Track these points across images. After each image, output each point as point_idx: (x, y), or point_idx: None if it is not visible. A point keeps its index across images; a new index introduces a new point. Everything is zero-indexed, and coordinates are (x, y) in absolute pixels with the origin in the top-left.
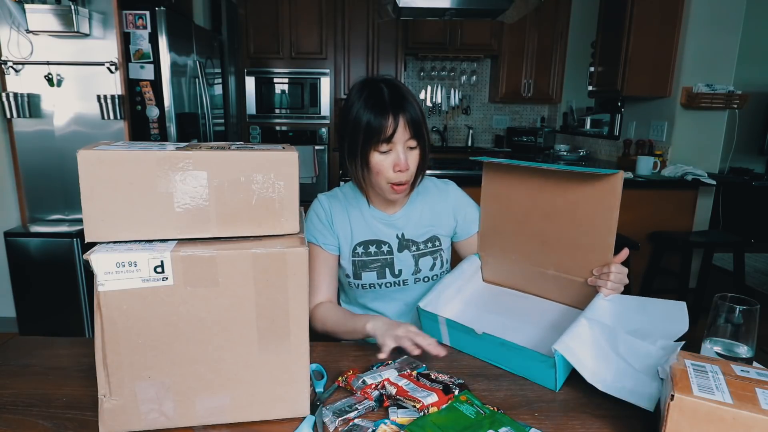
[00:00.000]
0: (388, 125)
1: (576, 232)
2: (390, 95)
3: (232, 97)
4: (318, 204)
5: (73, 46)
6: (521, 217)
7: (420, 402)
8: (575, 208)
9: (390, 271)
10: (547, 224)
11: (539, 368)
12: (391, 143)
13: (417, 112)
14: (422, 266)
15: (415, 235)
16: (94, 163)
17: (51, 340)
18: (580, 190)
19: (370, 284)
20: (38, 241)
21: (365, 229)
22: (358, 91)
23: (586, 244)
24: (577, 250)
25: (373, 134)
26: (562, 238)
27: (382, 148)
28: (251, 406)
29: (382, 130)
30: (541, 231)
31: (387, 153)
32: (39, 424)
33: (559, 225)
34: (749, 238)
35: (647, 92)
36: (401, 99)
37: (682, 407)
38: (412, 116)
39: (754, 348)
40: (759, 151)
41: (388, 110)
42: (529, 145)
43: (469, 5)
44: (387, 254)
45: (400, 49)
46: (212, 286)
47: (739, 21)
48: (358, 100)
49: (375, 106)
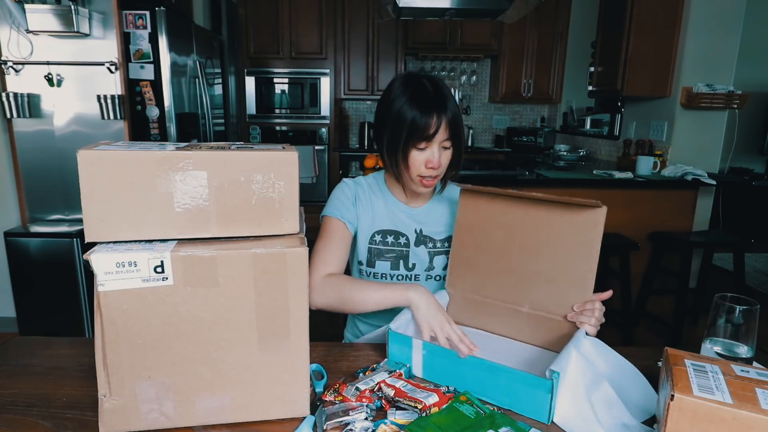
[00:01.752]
0: (432, 124)
1: (555, 266)
2: (434, 93)
3: (232, 97)
4: (344, 184)
5: (73, 46)
6: (497, 250)
7: (422, 402)
8: (556, 241)
9: (404, 264)
10: (524, 258)
11: (532, 396)
12: (430, 141)
13: (457, 112)
14: (436, 264)
15: (433, 232)
16: (94, 163)
17: (51, 340)
18: (563, 221)
19: (382, 274)
20: (38, 241)
21: (386, 218)
22: (402, 85)
23: (566, 280)
24: (555, 286)
25: (416, 131)
26: (540, 272)
27: (420, 145)
28: (251, 406)
29: (427, 128)
30: (518, 265)
31: (423, 150)
32: (39, 424)
33: (537, 259)
34: (749, 238)
35: (647, 92)
36: (444, 98)
37: (682, 407)
38: (453, 116)
39: (754, 348)
40: (759, 151)
41: (433, 109)
42: (529, 145)
43: (469, 5)
44: (404, 246)
45: (400, 49)
46: (212, 286)
47: (739, 21)
48: (402, 95)
49: (420, 103)
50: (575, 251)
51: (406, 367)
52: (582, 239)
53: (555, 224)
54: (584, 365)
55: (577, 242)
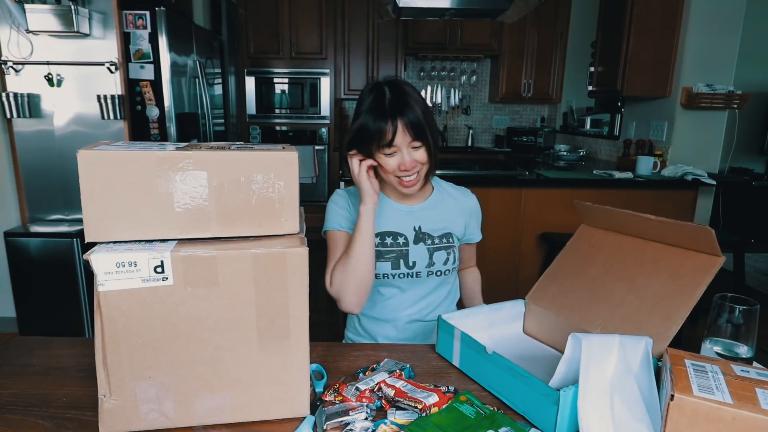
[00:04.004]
0: (387, 130)
1: (645, 302)
2: (391, 100)
3: (232, 97)
4: (336, 195)
5: (73, 46)
6: (593, 275)
7: (422, 402)
8: (656, 277)
9: (404, 263)
10: (617, 286)
11: (542, 404)
12: (393, 146)
13: (417, 114)
14: (436, 260)
15: (431, 229)
16: (94, 163)
17: (51, 340)
18: (673, 261)
19: (384, 274)
20: (38, 241)
21: (383, 220)
22: (364, 94)
23: (648, 318)
24: (636, 321)
25: (375, 138)
26: (626, 303)
27: (385, 150)
28: (251, 406)
29: (383, 135)
30: (607, 292)
31: (392, 155)
32: (39, 424)
33: (630, 290)
34: (749, 238)
35: (647, 92)
36: (402, 104)
37: (682, 407)
38: (411, 120)
39: (754, 348)
40: (759, 151)
41: (388, 115)
42: (529, 145)
43: (469, 5)
44: (403, 246)
45: (400, 49)
46: (212, 286)
47: (740, 21)
48: (362, 104)
49: (376, 111)
50: (672, 294)
51: (407, 367)
52: (683, 284)
53: (663, 261)
54: (622, 367)
55: (679, 285)
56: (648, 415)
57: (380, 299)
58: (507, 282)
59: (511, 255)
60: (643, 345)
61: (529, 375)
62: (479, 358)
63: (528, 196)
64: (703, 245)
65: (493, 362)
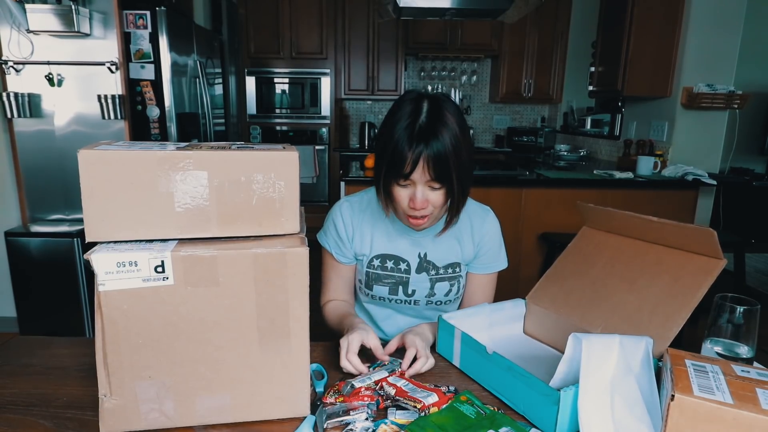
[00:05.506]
0: (407, 161)
1: (646, 303)
2: (423, 124)
3: (233, 97)
4: (339, 213)
5: (73, 45)
6: (594, 276)
7: (421, 402)
8: (657, 279)
9: (403, 290)
10: (618, 287)
11: (542, 404)
12: (409, 180)
13: (446, 148)
14: (437, 290)
15: (437, 258)
16: (95, 163)
17: (51, 340)
18: (674, 263)
19: (380, 297)
20: (39, 240)
21: (387, 242)
22: (403, 104)
23: (650, 319)
24: (636, 321)
25: (393, 166)
26: (627, 304)
27: (400, 181)
28: (251, 406)
29: (402, 164)
30: (608, 292)
31: (406, 186)
32: (39, 423)
33: (631, 291)
34: (749, 238)
35: (648, 92)
36: (430, 132)
37: (682, 407)
38: (436, 154)
39: (755, 348)
40: (759, 151)
41: (413, 141)
42: (529, 145)
43: (469, 5)
44: (404, 273)
45: (400, 49)
46: (213, 286)
47: (740, 21)
48: (396, 113)
49: (405, 130)
50: (672, 295)
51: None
52: (684, 285)
53: (665, 263)
54: (623, 365)
55: (680, 287)
56: (648, 415)
57: (376, 318)
58: (507, 282)
59: (511, 255)
60: (644, 345)
61: (529, 375)
62: (480, 358)
63: (528, 196)
64: (704, 247)
65: (494, 362)
